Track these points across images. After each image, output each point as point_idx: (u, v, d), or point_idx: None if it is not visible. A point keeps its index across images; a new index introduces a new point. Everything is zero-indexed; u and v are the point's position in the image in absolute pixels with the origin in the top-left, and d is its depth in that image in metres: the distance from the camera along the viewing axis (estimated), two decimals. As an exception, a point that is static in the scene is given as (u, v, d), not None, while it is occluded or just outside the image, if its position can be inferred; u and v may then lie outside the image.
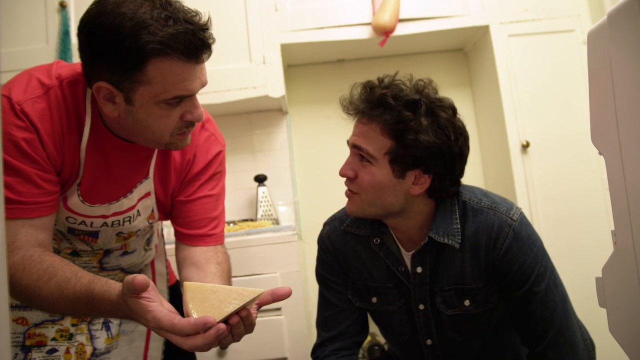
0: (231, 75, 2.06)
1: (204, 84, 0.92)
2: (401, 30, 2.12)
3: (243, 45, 2.09)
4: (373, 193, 1.04)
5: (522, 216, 1.07)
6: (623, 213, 0.58)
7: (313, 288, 2.29)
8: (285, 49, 2.14)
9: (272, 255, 1.77)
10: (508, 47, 2.11)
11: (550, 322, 1.03)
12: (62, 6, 2.05)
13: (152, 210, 1.09)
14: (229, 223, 1.99)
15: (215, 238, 1.10)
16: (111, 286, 0.79)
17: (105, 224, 1.03)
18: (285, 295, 0.82)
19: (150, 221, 1.11)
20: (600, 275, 0.64)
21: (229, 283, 1.06)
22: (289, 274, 1.77)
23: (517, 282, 1.04)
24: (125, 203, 1.03)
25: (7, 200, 0.87)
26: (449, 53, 2.48)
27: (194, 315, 0.73)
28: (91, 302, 0.80)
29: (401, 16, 2.11)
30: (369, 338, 2.04)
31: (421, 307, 1.12)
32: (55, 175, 0.94)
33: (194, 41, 0.84)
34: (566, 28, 2.13)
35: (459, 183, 1.09)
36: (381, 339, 2.05)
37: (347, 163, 1.08)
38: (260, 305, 0.83)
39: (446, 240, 1.05)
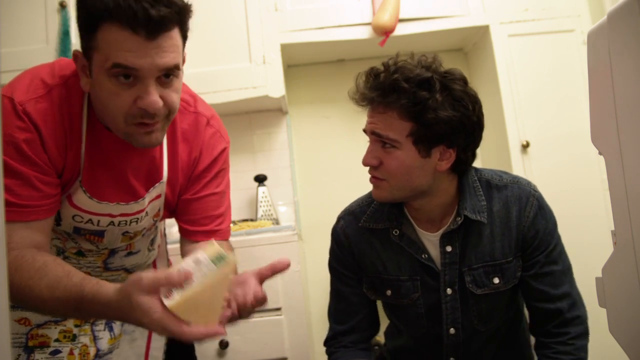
0: (231, 75, 2.06)
1: (160, 68, 0.84)
2: (401, 30, 2.12)
3: (243, 45, 2.09)
4: (402, 177, 1.05)
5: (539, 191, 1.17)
6: (623, 213, 0.58)
7: (313, 288, 2.29)
8: (285, 49, 2.13)
9: (272, 255, 1.77)
10: (508, 47, 2.11)
11: (567, 282, 1.12)
12: (62, 6, 2.05)
13: (159, 210, 1.09)
14: (229, 223, 1.99)
15: (220, 234, 1.10)
16: (103, 286, 0.78)
17: (112, 223, 1.02)
18: (284, 266, 0.83)
19: (155, 219, 1.11)
20: (600, 275, 0.64)
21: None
22: (289, 274, 1.77)
23: (541, 247, 1.12)
24: (135, 207, 1.02)
25: (5, 203, 0.85)
26: (449, 53, 2.47)
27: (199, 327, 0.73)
28: (80, 301, 0.78)
29: (401, 16, 2.11)
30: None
31: (449, 291, 1.12)
32: (56, 177, 0.93)
33: (140, 12, 0.79)
34: (566, 28, 2.12)
35: (475, 153, 1.12)
36: (381, 339, 2.05)
37: (369, 152, 1.07)
38: (262, 280, 0.83)
39: (479, 217, 1.09)
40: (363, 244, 1.18)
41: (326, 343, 1.24)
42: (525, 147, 2.05)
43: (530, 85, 2.09)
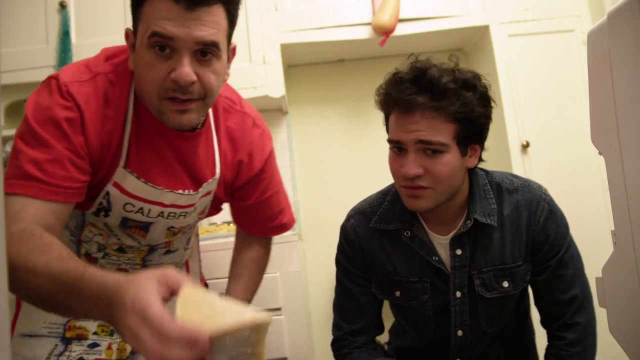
0: (231, 75, 2.05)
1: (196, 40, 0.83)
2: (401, 30, 2.12)
3: (243, 45, 2.09)
4: (448, 181, 1.03)
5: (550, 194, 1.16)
6: (623, 213, 0.58)
7: (313, 288, 2.29)
8: (285, 49, 2.13)
9: (272, 255, 1.76)
10: (508, 47, 2.11)
11: (576, 287, 1.10)
12: (62, 6, 2.05)
13: (205, 207, 1.09)
14: (229, 223, 1.99)
15: (284, 227, 1.18)
16: (109, 272, 0.64)
17: (161, 214, 1.00)
18: None
19: (200, 216, 1.11)
20: (600, 275, 0.64)
21: (252, 280, 1.15)
22: (289, 274, 1.77)
23: (552, 251, 1.11)
24: (188, 199, 1.01)
25: (29, 177, 0.83)
26: (449, 53, 2.47)
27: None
28: (77, 282, 0.65)
29: (401, 16, 2.11)
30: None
31: (458, 294, 1.12)
32: (88, 164, 0.90)
33: None
34: (566, 28, 2.12)
35: None
36: (381, 339, 2.05)
37: (412, 161, 1.01)
38: None
39: (489, 221, 1.09)
40: (373, 243, 1.17)
41: (336, 343, 1.22)
42: (525, 147, 2.05)
43: (530, 85, 2.09)
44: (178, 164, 0.99)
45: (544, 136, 2.06)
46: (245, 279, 1.16)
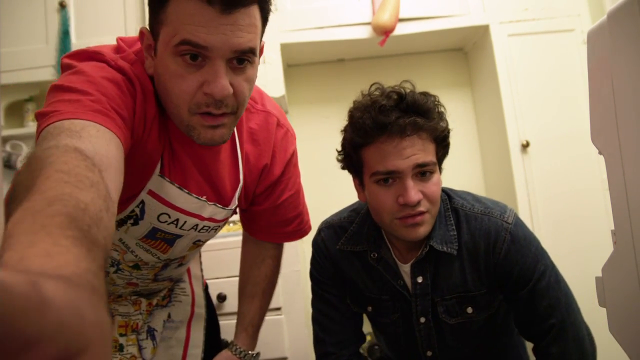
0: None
1: (233, 48, 0.73)
2: (401, 29, 2.12)
3: (243, 45, 2.09)
4: (438, 202, 1.02)
5: (517, 218, 1.07)
6: (623, 213, 0.58)
7: (313, 288, 2.29)
8: (285, 48, 2.13)
9: (272, 255, 1.77)
10: (508, 47, 2.11)
11: (552, 318, 1.02)
12: (62, 6, 2.05)
13: (228, 217, 1.02)
14: (229, 223, 1.99)
15: (300, 233, 1.11)
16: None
17: (195, 227, 0.93)
18: None
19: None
20: (600, 275, 0.64)
21: (266, 297, 1.13)
22: (289, 274, 1.77)
23: (520, 283, 1.03)
24: (228, 213, 0.95)
25: (83, 104, 0.66)
26: (449, 53, 2.47)
27: None
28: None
29: (401, 16, 2.11)
30: (368, 337, 2.04)
31: (422, 320, 1.10)
32: (130, 137, 0.76)
33: None
34: (566, 28, 2.13)
35: None
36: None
37: (412, 187, 0.97)
38: None
39: (445, 249, 1.04)
40: (343, 260, 1.15)
41: (325, 357, 1.17)
42: (525, 147, 2.05)
43: (530, 85, 2.09)
44: (198, 173, 0.90)
45: (544, 136, 2.06)
46: (260, 297, 1.11)
